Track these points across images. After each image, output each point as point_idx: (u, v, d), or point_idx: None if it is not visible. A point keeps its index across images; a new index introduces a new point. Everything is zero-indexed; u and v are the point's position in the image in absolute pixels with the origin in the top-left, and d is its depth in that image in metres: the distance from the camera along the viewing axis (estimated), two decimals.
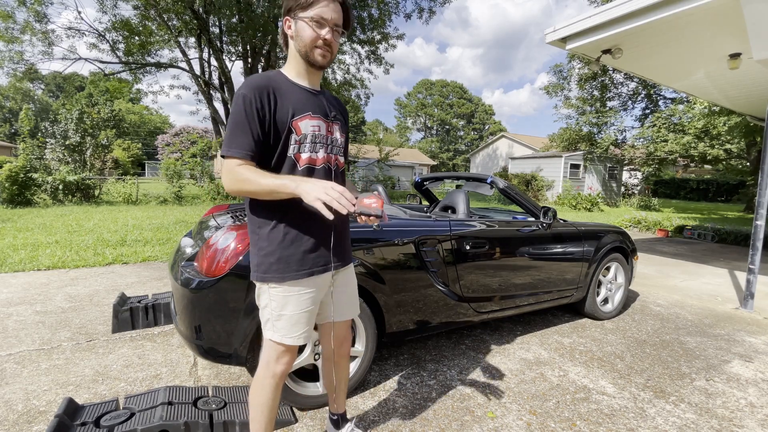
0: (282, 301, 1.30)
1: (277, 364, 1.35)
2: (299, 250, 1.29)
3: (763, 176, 3.85)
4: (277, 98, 1.24)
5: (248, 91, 1.20)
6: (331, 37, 1.26)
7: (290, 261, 1.29)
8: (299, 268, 1.29)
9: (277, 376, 1.35)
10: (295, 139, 1.26)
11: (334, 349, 1.58)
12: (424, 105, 59.16)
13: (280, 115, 1.24)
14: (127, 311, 2.59)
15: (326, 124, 1.33)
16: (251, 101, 1.19)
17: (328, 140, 1.34)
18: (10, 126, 44.40)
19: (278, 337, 1.32)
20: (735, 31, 4.12)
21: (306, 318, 1.34)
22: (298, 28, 1.26)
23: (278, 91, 1.25)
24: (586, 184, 19.94)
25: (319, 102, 1.34)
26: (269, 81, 1.25)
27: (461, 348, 2.78)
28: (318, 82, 1.38)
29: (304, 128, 1.27)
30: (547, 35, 4.83)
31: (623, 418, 2.03)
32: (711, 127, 15.53)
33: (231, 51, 15.35)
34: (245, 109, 1.19)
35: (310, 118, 1.28)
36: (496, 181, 3.03)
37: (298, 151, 1.27)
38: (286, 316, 1.31)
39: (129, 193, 12.05)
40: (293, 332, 1.32)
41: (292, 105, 1.26)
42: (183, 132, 35.62)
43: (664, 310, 3.83)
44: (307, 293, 1.33)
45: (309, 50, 1.26)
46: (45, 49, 13.14)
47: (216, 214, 2.73)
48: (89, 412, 1.68)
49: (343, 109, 1.49)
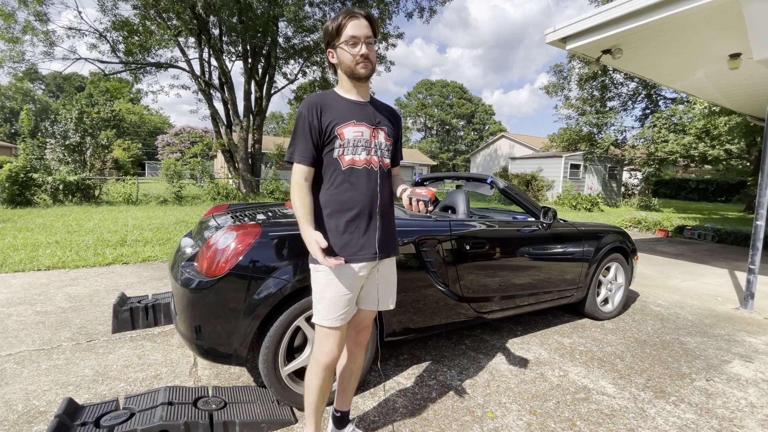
0: (324, 283, 1.46)
1: (320, 352, 1.50)
2: (342, 238, 1.46)
3: (763, 176, 3.85)
4: (323, 112, 1.46)
5: (303, 109, 1.47)
6: (366, 50, 1.43)
7: (334, 247, 1.45)
8: (340, 255, 1.44)
9: (319, 365, 1.50)
10: (340, 143, 1.45)
11: (353, 335, 1.65)
12: (424, 105, 59.11)
13: (326, 125, 1.45)
14: (127, 311, 2.58)
15: (370, 130, 1.50)
16: (304, 116, 1.45)
17: (372, 144, 1.51)
18: (11, 126, 44.41)
19: (318, 319, 1.48)
20: (735, 31, 4.11)
21: (344, 302, 1.47)
22: (338, 55, 1.47)
23: (325, 107, 1.47)
24: (586, 184, 19.94)
25: (365, 111, 1.52)
26: (319, 99, 1.49)
27: (461, 348, 2.78)
28: (367, 94, 1.56)
29: (348, 134, 1.46)
30: (547, 35, 4.83)
31: (623, 418, 2.03)
32: (711, 128, 15.53)
33: (231, 51, 15.36)
34: (301, 123, 1.46)
35: (354, 125, 1.47)
36: (496, 181, 3.03)
37: (342, 153, 1.46)
38: (327, 297, 1.46)
39: (129, 193, 12.05)
40: (332, 314, 1.46)
41: (337, 116, 1.46)
42: (183, 132, 35.60)
43: (664, 311, 3.83)
44: (347, 277, 1.45)
45: (353, 68, 1.46)
46: (46, 49, 13.16)
47: (216, 214, 2.73)
48: (89, 413, 1.68)
49: (393, 115, 1.64)
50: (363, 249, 1.48)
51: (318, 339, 1.51)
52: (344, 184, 1.47)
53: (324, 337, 1.50)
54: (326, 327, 1.48)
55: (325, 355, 1.49)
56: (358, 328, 1.65)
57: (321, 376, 1.52)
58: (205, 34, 13.80)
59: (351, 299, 1.49)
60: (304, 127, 1.45)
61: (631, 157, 20.52)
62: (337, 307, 1.47)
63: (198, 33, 13.78)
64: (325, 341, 1.49)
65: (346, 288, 1.47)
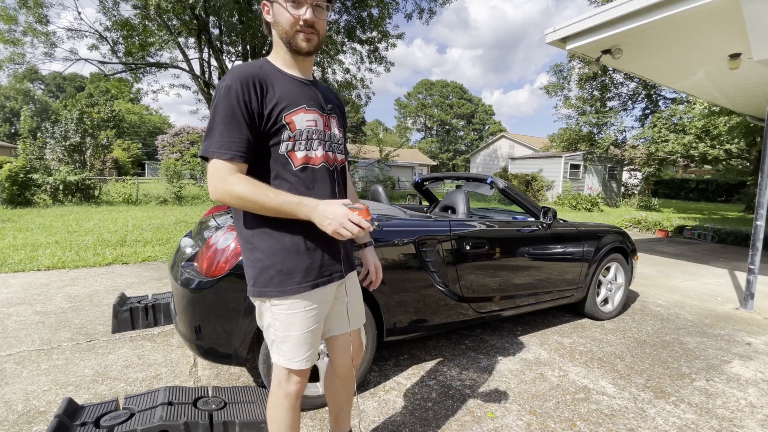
0: (287, 319, 1.16)
1: (289, 384, 1.22)
2: (302, 258, 1.14)
3: (763, 176, 3.85)
4: (266, 90, 1.09)
5: (234, 82, 1.05)
6: (312, 15, 1.10)
7: (294, 272, 1.13)
8: (303, 280, 1.14)
9: (291, 396, 1.23)
10: (289, 135, 1.11)
11: (345, 364, 1.41)
12: (424, 105, 59.12)
13: (270, 108, 1.08)
14: (127, 311, 2.58)
15: (323, 119, 1.18)
16: (238, 93, 1.04)
17: (326, 136, 1.19)
18: (11, 126, 44.41)
19: (284, 362, 1.19)
20: (735, 31, 4.11)
21: (312, 338, 1.21)
22: (275, 11, 1.12)
23: (267, 82, 1.09)
24: (586, 184, 19.94)
25: (313, 93, 1.19)
26: (257, 70, 1.10)
27: (461, 348, 2.78)
28: (310, 72, 1.24)
29: (299, 123, 1.12)
30: (547, 35, 4.83)
31: (623, 418, 2.03)
32: (711, 127, 15.53)
33: (231, 51, 15.36)
34: (232, 102, 1.04)
35: (305, 111, 1.13)
36: (495, 182, 3.03)
37: (292, 148, 1.12)
38: (293, 336, 1.17)
39: (129, 194, 12.05)
40: (300, 355, 1.19)
41: (283, 97, 1.10)
42: (183, 132, 35.57)
43: (664, 311, 3.83)
44: (313, 308, 1.18)
45: (291, 36, 1.12)
46: (47, 50, 13.16)
47: (216, 214, 2.73)
48: (89, 413, 1.67)
49: (339, 101, 1.34)
50: (329, 267, 1.20)
51: (283, 374, 1.22)
52: (298, 188, 1.12)
53: (290, 375, 1.21)
54: (294, 369, 1.21)
55: (295, 384, 1.22)
56: (345, 355, 1.39)
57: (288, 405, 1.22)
58: (205, 35, 13.80)
59: (319, 331, 1.23)
60: (235, 109, 1.04)
61: (631, 157, 20.53)
62: (306, 345, 1.18)
63: (198, 33, 13.78)
64: (294, 375, 1.22)
65: (314, 320, 1.19)
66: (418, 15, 15.42)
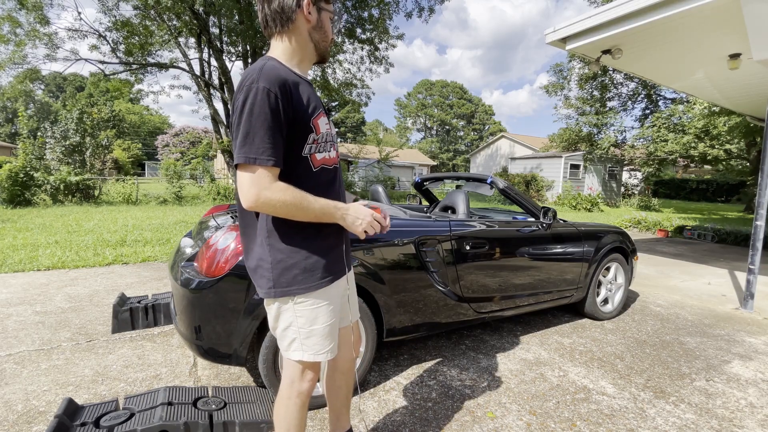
0: (311, 314, 1.18)
1: (303, 381, 1.25)
2: (320, 256, 1.18)
3: (763, 176, 3.85)
4: (298, 94, 1.09)
5: (273, 86, 1.02)
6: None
7: (315, 269, 1.17)
8: (324, 275, 1.18)
9: (303, 394, 1.25)
10: (314, 138, 1.13)
11: (347, 355, 1.46)
12: (424, 105, 59.13)
13: (302, 113, 1.09)
14: (126, 311, 2.58)
15: (328, 119, 1.23)
16: (278, 97, 1.02)
17: (335, 138, 1.26)
18: (11, 126, 44.42)
19: (309, 356, 1.20)
20: (735, 31, 4.12)
21: (333, 330, 1.25)
22: (321, 19, 1.17)
23: (297, 87, 1.09)
24: (586, 184, 19.95)
25: (317, 94, 1.21)
26: (288, 74, 1.09)
27: (461, 348, 2.78)
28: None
29: (322, 127, 1.15)
30: (547, 35, 4.83)
31: (623, 418, 2.03)
32: (711, 127, 15.53)
33: (231, 51, 15.36)
34: (273, 107, 1.01)
35: (323, 115, 1.16)
36: (495, 181, 3.03)
37: (314, 150, 1.14)
38: (318, 329, 1.20)
39: (129, 194, 12.05)
40: (326, 346, 1.22)
41: (310, 101, 1.12)
42: (183, 132, 35.59)
43: (664, 311, 3.83)
44: (334, 301, 1.24)
45: (327, 46, 1.20)
46: (49, 51, 13.15)
47: (216, 214, 2.73)
48: (89, 413, 1.67)
49: None
50: (340, 262, 1.25)
51: (298, 373, 1.24)
52: (316, 189, 1.14)
53: (309, 369, 1.25)
54: (316, 362, 1.24)
55: (308, 382, 1.26)
56: (347, 347, 1.44)
57: (300, 404, 1.25)
58: (205, 35, 13.80)
59: (337, 324, 1.28)
60: (276, 113, 1.02)
61: (630, 157, 20.53)
62: (330, 336, 1.23)
63: (198, 33, 13.78)
64: (309, 372, 1.25)
65: (334, 312, 1.24)
66: (417, 13, 15.44)
